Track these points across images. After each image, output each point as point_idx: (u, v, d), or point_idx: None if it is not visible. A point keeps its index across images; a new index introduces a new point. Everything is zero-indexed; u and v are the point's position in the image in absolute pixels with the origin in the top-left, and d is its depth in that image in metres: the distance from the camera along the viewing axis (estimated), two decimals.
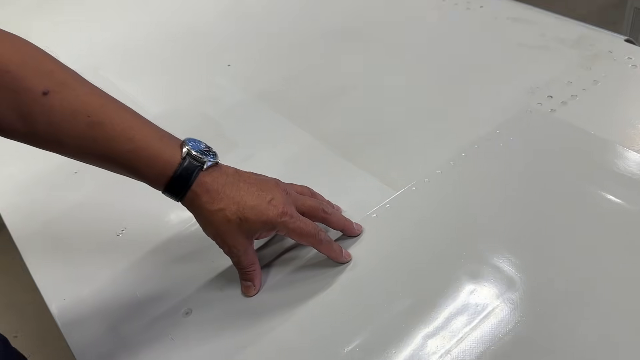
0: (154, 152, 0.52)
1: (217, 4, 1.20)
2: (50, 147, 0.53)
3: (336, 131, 0.77)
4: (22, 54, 0.51)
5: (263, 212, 0.53)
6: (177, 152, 0.53)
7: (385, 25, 0.99)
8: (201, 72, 0.99)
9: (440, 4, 1.02)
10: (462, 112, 0.75)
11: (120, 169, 0.54)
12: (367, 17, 1.03)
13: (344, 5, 1.09)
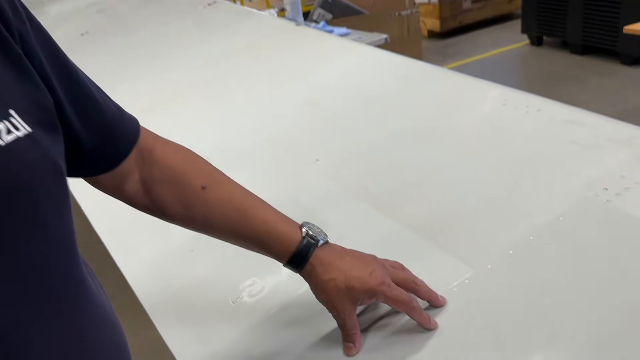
0: (281, 233, 0.67)
1: (303, 110, 1.39)
2: (202, 229, 0.68)
3: (415, 216, 0.89)
4: (185, 158, 0.69)
5: (366, 281, 0.65)
6: (298, 233, 0.67)
7: (454, 126, 1.14)
8: (294, 166, 1.15)
9: (502, 107, 1.16)
10: (524, 201, 0.86)
11: (254, 245, 0.68)
12: (437, 118, 1.18)
13: (415, 107, 1.25)
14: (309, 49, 1.70)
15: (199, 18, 2.37)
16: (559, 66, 4.16)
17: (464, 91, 1.25)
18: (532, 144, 1.01)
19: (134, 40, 2.29)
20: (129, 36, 2.36)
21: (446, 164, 1.02)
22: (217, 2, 2.47)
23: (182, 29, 2.29)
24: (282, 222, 0.68)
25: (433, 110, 1.22)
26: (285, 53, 1.71)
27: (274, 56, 1.72)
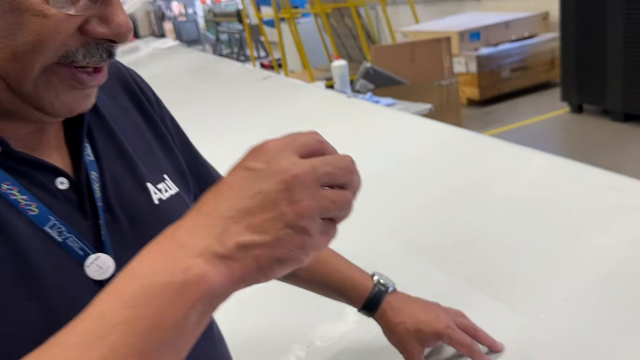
0: (356, 281, 0.77)
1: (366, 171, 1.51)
2: (284, 278, 0.79)
3: (469, 270, 0.98)
4: None
5: (433, 324, 0.74)
6: (370, 281, 0.77)
7: (499, 189, 1.23)
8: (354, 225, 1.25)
9: (545, 173, 1.25)
10: (571, 257, 0.94)
11: (331, 292, 0.78)
12: (483, 182, 1.28)
13: (462, 172, 1.35)
14: (361, 118, 1.84)
15: (255, 90, 2.58)
16: (600, 133, 4.22)
17: (507, 157, 1.35)
18: (576, 206, 1.10)
19: (195, 110, 2.50)
20: (192, 106, 2.58)
21: (494, 223, 1.11)
22: (271, 77, 2.69)
23: (240, 101, 2.49)
24: (356, 271, 0.78)
25: (479, 175, 1.32)
26: (340, 122, 1.86)
27: (329, 125, 1.87)
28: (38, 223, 0.46)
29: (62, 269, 0.46)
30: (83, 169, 0.51)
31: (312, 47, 7.05)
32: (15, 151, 0.46)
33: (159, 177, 0.58)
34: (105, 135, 0.55)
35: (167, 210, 0.56)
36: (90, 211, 0.50)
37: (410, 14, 6.84)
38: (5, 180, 0.45)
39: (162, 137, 0.63)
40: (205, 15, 13.39)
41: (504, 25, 5.44)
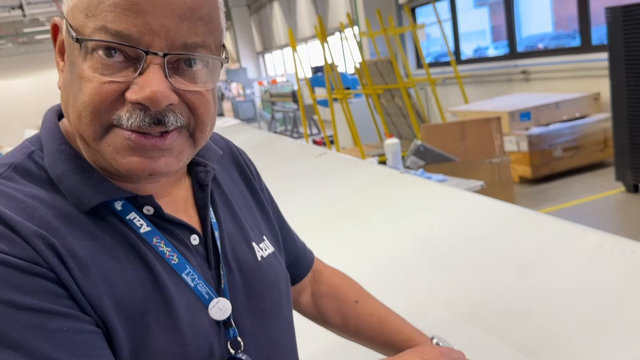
0: (416, 342, 0.84)
1: (414, 246, 1.59)
2: (353, 335, 0.88)
3: (524, 339, 1.02)
4: (343, 279, 0.90)
5: None
6: (429, 342, 0.84)
7: (553, 263, 1.28)
8: (409, 294, 1.32)
9: (598, 249, 1.30)
10: (622, 330, 0.97)
11: (392, 351, 0.85)
12: (536, 257, 1.33)
13: (514, 247, 1.41)
14: (414, 193, 1.94)
15: (312, 166, 2.73)
16: None
17: (560, 233, 1.40)
18: (628, 282, 1.13)
19: None
20: None
21: (547, 295, 1.15)
22: (326, 153, 2.84)
23: (299, 175, 2.63)
24: (417, 333, 0.85)
25: (532, 250, 1.37)
26: (395, 197, 1.96)
27: (385, 199, 1.97)
28: (178, 270, 0.58)
29: (193, 308, 0.58)
30: (209, 229, 0.63)
31: (363, 125, 7.30)
32: (165, 213, 0.59)
33: (260, 237, 0.71)
34: (223, 201, 0.68)
35: (266, 266, 0.68)
36: (214, 263, 0.62)
37: (460, 94, 7.03)
38: (155, 235, 0.58)
39: (262, 204, 0.76)
40: (262, 96, 14.10)
41: (555, 105, 5.52)
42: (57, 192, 0.55)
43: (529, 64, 6.78)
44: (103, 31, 0.51)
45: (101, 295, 0.52)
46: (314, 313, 0.89)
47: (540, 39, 7.52)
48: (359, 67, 7.06)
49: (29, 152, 0.58)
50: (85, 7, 0.52)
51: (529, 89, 6.73)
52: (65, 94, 0.56)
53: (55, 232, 0.52)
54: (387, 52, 7.25)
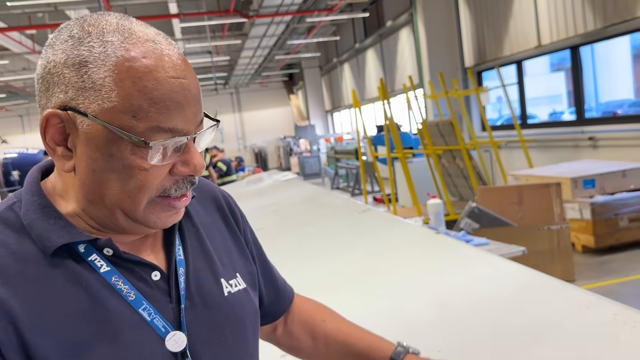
0: (381, 346, 0.90)
1: (433, 307, 1.60)
2: (320, 354, 0.93)
3: None
4: (311, 304, 0.98)
5: None
6: (393, 345, 0.90)
7: (565, 332, 1.27)
8: None
9: (611, 321, 1.27)
10: None
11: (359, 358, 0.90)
12: (548, 321, 1.32)
13: (533, 313, 1.39)
14: (442, 253, 1.95)
15: (354, 221, 2.80)
16: None
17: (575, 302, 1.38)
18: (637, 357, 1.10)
19: (303, 235, 2.75)
20: (297, 232, 2.84)
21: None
22: (370, 210, 2.90)
23: (340, 230, 2.70)
24: (380, 339, 0.91)
25: (544, 317, 1.36)
26: (424, 257, 1.98)
27: (414, 258, 2.00)
28: (134, 305, 0.66)
29: (146, 341, 0.65)
30: (173, 265, 0.71)
31: (423, 184, 7.30)
32: (122, 253, 0.67)
33: (232, 274, 0.78)
34: (195, 238, 0.77)
35: (233, 301, 0.75)
36: (175, 297, 0.70)
37: (525, 158, 6.92)
38: (114, 274, 0.66)
39: (239, 244, 0.84)
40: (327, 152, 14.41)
41: (622, 174, 5.32)
42: (27, 238, 0.64)
43: (596, 131, 6.60)
44: (156, 130, 0.61)
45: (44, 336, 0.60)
46: (287, 342, 0.95)
47: (619, 105, 7.34)
48: (420, 127, 7.14)
49: (11, 203, 0.68)
50: (132, 110, 0.60)
51: (597, 156, 6.52)
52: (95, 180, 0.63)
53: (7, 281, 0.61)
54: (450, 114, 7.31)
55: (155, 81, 0.61)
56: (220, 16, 11.35)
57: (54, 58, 0.62)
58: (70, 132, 0.63)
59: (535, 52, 7.57)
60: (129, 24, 0.64)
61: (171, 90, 0.61)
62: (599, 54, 7.37)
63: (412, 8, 10.11)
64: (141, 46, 0.62)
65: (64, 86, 0.62)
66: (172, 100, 0.61)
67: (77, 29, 0.63)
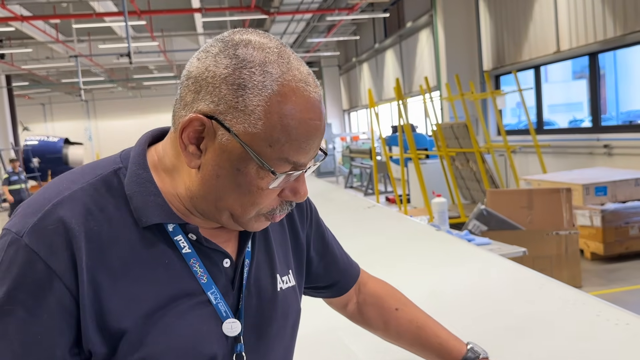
0: (452, 346, 0.93)
1: (425, 298, 1.64)
2: (394, 339, 0.99)
3: None
4: (385, 289, 1.02)
5: None
6: (464, 347, 0.93)
7: (549, 329, 1.30)
8: None
9: (595, 318, 1.30)
10: None
11: (429, 353, 0.95)
12: (535, 316, 1.36)
13: (521, 309, 1.43)
14: (438, 248, 2.00)
15: (359, 217, 2.85)
16: None
17: (561, 299, 1.42)
18: (619, 353, 1.14)
19: None
20: None
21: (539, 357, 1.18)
22: (375, 206, 2.95)
23: (344, 224, 2.75)
24: (452, 338, 0.95)
25: (531, 312, 1.40)
26: (421, 252, 2.03)
27: (412, 251, 2.04)
28: (205, 288, 0.73)
29: (209, 321, 0.72)
30: (242, 256, 0.77)
31: (436, 186, 7.30)
32: (204, 240, 0.73)
33: (285, 270, 0.84)
34: (263, 233, 0.82)
35: (283, 297, 0.81)
36: (238, 284, 0.76)
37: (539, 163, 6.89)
38: (193, 257, 0.73)
39: (297, 240, 0.88)
40: (343, 151, 14.45)
41: (634, 182, 5.29)
42: (125, 206, 0.70)
43: (612, 138, 6.56)
44: (284, 161, 0.67)
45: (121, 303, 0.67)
46: (359, 319, 1.01)
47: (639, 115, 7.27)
48: (434, 129, 7.15)
49: (116, 168, 0.73)
50: (270, 140, 0.66)
51: (611, 163, 6.48)
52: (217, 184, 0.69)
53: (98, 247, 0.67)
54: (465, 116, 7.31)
55: (298, 122, 0.66)
56: (242, 12, 11.45)
57: (214, 70, 0.67)
58: (207, 137, 0.68)
59: (554, 57, 7.53)
60: (287, 57, 0.69)
61: (307, 132, 0.68)
62: (620, 61, 7.31)
63: (432, 10, 10.10)
64: (294, 85, 0.67)
65: (217, 99, 0.67)
66: (306, 142, 0.68)
67: (242, 49, 0.68)
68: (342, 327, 1.51)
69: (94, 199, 0.70)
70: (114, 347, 0.67)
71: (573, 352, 1.19)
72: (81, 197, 0.69)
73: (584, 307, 1.37)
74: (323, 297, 1.01)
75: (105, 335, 0.67)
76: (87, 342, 0.66)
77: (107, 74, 15.89)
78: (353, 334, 1.45)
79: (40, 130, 20.09)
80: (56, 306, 0.65)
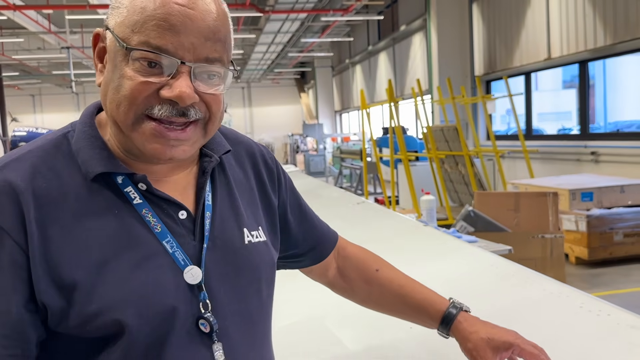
0: (434, 301, 0.95)
1: None
2: (377, 302, 1.00)
3: None
4: (365, 252, 1.04)
5: (504, 335, 0.88)
6: (446, 300, 0.95)
7: (538, 325, 1.33)
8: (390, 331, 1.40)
9: (578, 310, 1.33)
10: None
11: (412, 311, 0.96)
12: (519, 307, 1.38)
13: (506, 303, 1.45)
14: (425, 241, 2.02)
15: (349, 213, 2.87)
16: None
17: (545, 291, 1.45)
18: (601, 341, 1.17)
19: None
20: None
21: None
22: (364, 202, 2.97)
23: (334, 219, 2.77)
24: (433, 293, 0.96)
25: (516, 304, 1.42)
26: (409, 245, 2.05)
27: (400, 245, 2.06)
28: (159, 237, 0.72)
29: (167, 270, 0.72)
30: (200, 208, 0.77)
31: (425, 188, 7.34)
32: (155, 189, 0.73)
33: (255, 226, 0.84)
34: (225, 189, 0.82)
35: (252, 249, 0.81)
36: (199, 237, 0.76)
37: (527, 168, 6.97)
38: (145, 207, 0.73)
39: (268, 200, 0.89)
40: (333, 152, 14.47)
41: (620, 189, 5.36)
42: (74, 164, 0.72)
43: (599, 146, 6.64)
44: (146, 45, 0.67)
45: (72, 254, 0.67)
46: (341, 284, 1.01)
47: (627, 126, 7.37)
48: (425, 131, 7.20)
49: (66, 132, 0.75)
50: (132, 24, 0.67)
51: (598, 170, 6.57)
52: (104, 89, 0.71)
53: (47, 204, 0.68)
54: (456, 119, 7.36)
55: (160, 3, 0.67)
56: (236, 9, 11.45)
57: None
58: (107, 50, 0.71)
59: (545, 64, 7.61)
60: None
61: (168, 13, 0.67)
62: (610, 72, 7.41)
63: (426, 14, 10.17)
64: None
65: (110, 9, 0.71)
66: (166, 22, 0.67)
67: None
68: (329, 315, 1.53)
69: (43, 159, 0.72)
70: (67, 298, 0.67)
71: (557, 341, 1.22)
72: (29, 159, 0.71)
73: (567, 299, 1.39)
74: (303, 267, 1.00)
75: (58, 287, 0.67)
76: (40, 296, 0.67)
77: None
78: (339, 321, 1.47)
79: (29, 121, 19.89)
80: (7, 263, 0.66)
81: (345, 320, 1.46)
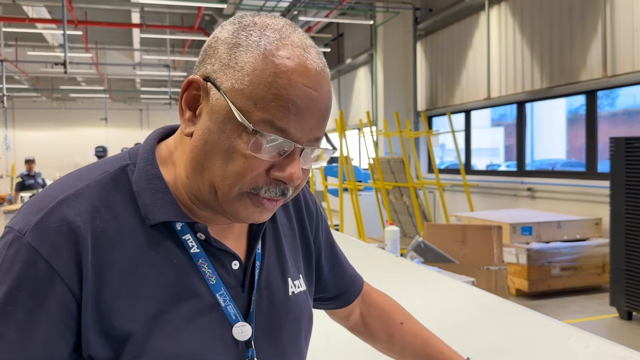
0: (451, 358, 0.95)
1: None
2: (398, 353, 0.99)
3: None
4: (389, 302, 1.03)
5: None
6: None
7: (523, 350, 1.37)
8: None
9: (567, 341, 1.39)
10: None
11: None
12: (508, 340, 1.42)
13: (491, 332, 1.50)
14: (406, 275, 2.05)
15: None
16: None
17: (533, 324, 1.50)
18: None
19: None
20: None
21: None
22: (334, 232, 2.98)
23: None
24: (454, 354, 0.97)
25: (504, 337, 1.47)
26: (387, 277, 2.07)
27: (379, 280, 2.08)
28: (213, 290, 0.70)
29: (218, 325, 0.70)
30: (252, 258, 0.75)
31: (370, 218, 7.46)
32: (213, 240, 0.70)
33: (297, 275, 0.82)
34: (274, 235, 0.80)
35: (295, 301, 0.79)
36: (248, 287, 0.74)
37: (467, 202, 7.24)
38: (202, 257, 0.70)
39: (307, 245, 0.87)
40: None
41: (557, 224, 5.66)
42: (133, 203, 0.68)
43: (534, 182, 7.01)
44: (269, 124, 0.62)
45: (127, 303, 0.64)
46: (362, 330, 1.00)
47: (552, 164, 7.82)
48: (372, 162, 7.34)
49: (125, 165, 0.70)
50: (256, 98, 0.62)
51: (534, 206, 6.92)
52: (202, 147, 0.65)
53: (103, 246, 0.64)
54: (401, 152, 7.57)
55: (288, 81, 0.62)
56: (183, 32, 11.34)
57: (219, 35, 0.67)
58: (203, 101, 0.66)
59: (484, 103, 8.01)
60: (291, 30, 0.66)
61: (298, 96, 0.63)
62: (538, 113, 7.88)
63: (372, 49, 10.48)
64: (291, 49, 0.64)
65: (215, 60, 0.66)
66: (294, 104, 0.63)
67: (248, 18, 0.67)
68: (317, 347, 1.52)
69: (101, 196, 0.67)
70: (117, 350, 0.64)
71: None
72: (87, 194, 0.67)
73: (555, 331, 1.45)
74: (327, 309, 1.00)
75: (109, 338, 0.64)
76: (87, 347, 0.64)
77: (31, 82, 15.08)
78: (329, 353, 1.46)
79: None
80: (57, 308, 0.62)
81: (335, 353, 1.45)
